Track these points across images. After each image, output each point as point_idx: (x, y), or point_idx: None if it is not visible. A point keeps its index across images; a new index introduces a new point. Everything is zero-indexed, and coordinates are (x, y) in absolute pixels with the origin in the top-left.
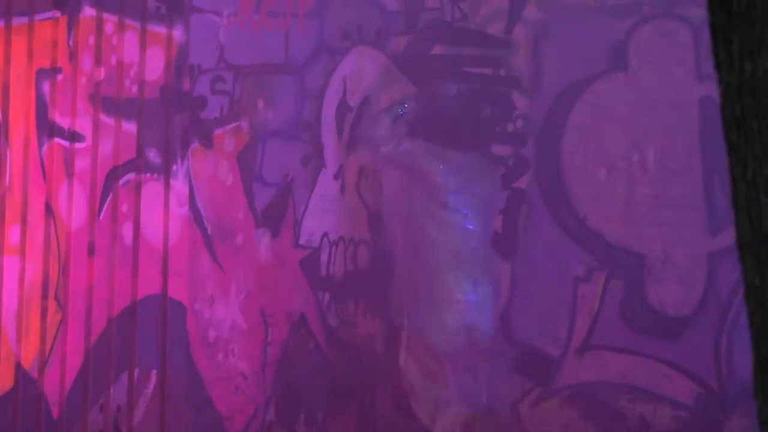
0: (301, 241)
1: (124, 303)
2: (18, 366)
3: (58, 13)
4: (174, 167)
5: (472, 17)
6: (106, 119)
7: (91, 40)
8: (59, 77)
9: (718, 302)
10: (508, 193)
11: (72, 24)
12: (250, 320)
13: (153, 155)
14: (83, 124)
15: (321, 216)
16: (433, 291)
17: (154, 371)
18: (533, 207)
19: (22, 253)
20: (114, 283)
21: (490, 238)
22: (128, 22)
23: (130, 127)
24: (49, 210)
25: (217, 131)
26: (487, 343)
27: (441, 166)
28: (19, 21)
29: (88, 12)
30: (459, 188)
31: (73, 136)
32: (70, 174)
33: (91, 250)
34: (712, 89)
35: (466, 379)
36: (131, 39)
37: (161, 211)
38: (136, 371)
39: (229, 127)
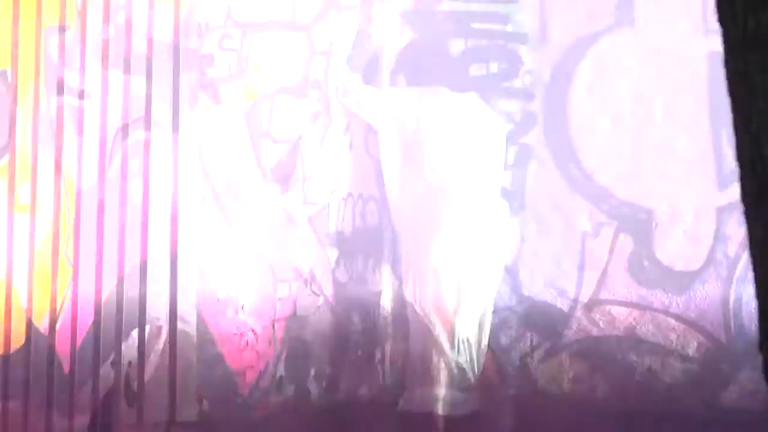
0: (310, 198)
1: (134, 260)
2: (29, 323)
3: None
4: (183, 124)
5: None
6: (114, 77)
7: None
8: (67, 35)
9: (725, 256)
10: (517, 149)
11: None
12: (260, 277)
13: (162, 112)
14: (92, 82)
15: (330, 173)
16: (433, 244)
17: (165, 328)
18: (541, 162)
19: (33, 211)
20: (124, 241)
21: (492, 188)
22: None
23: (139, 84)
24: (58, 168)
25: (226, 88)
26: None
27: (432, 111)
28: None
29: None
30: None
31: (82, 94)
32: (79, 132)
33: (100, 208)
34: (718, 44)
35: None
36: None
37: (170, 169)
38: (147, 328)
39: (237, 84)
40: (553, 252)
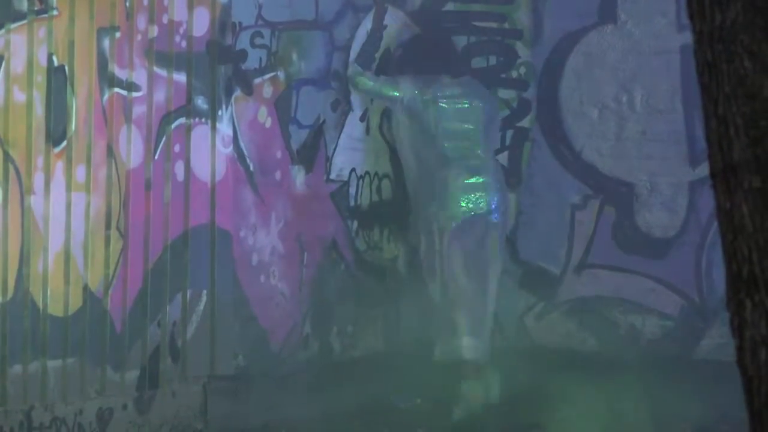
0: (332, 176)
1: (177, 232)
2: (86, 288)
3: None
4: (219, 112)
5: None
6: (159, 71)
7: (145, 1)
8: (118, 35)
9: (698, 225)
10: (513, 132)
11: None
12: (288, 246)
13: (201, 102)
14: (139, 76)
15: (349, 154)
16: (446, 196)
17: (205, 291)
18: (535, 143)
19: (88, 189)
20: (168, 215)
21: (492, 149)
22: None
23: (181, 77)
24: (110, 152)
25: (257, 80)
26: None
27: (436, 93)
28: None
29: None
30: (452, 104)
31: (131, 87)
32: (128, 120)
33: (147, 186)
34: (691, 38)
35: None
36: (180, 0)
37: (209, 151)
38: (189, 292)
39: (267, 76)
40: (546, 222)
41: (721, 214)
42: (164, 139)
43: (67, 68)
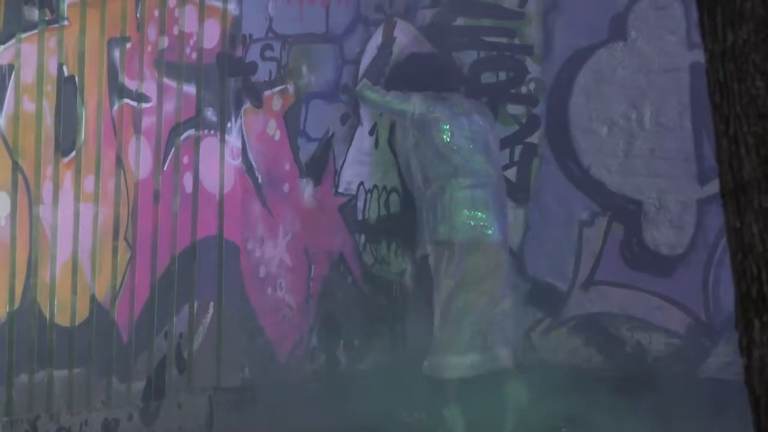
0: (340, 189)
1: (185, 243)
2: (93, 298)
3: None
4: (229, 124)
5: None
6: (169, 83)
7: (156, 12)
8: (128, 46)
9: (706, 243)
10: (522, 148)
11: None
12: (296, 258)
13: (210, 114)
14: (149, 87)
15: (357, 167)
16: (450, 213)
17: (212, 303)
18: (544, 159)
19: (96, 199)
20: (176, 226)
21: (497, 165)
22: None
23: (191, 89)
24: (119, 162)
25: (267, 93)
26: (499, 254)
27: (439, 107)
28: None
29: None
30: (459, 120)
31: (141, 98)
32: (138, 131)
33: (156, 197)
34: (701, 56)
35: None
36: (191, 12)
37: (217, 163)
38: (196, 303)
39: (276, 89)
40: (554, 238)
41: (731, 234)
42: (173, 150)
43: (77, 78)
